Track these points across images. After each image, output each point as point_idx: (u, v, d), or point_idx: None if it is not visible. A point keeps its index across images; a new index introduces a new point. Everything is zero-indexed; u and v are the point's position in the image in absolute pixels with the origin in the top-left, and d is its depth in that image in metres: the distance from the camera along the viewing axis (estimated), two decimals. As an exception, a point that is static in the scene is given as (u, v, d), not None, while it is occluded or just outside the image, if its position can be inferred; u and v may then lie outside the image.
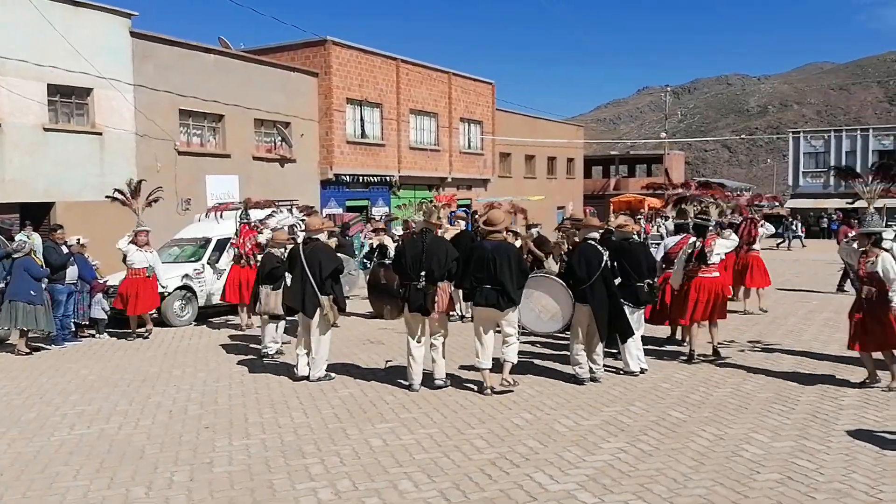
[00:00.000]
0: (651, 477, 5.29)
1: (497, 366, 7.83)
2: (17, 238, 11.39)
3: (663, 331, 10.65)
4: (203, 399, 7.84)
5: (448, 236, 10.84)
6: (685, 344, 9.92)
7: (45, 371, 9.48)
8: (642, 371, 8.49)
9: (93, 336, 11.88)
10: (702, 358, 9.19)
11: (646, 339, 9.18)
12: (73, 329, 11.58)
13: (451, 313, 8.13)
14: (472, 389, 7.91)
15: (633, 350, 8.45)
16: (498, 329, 7.87)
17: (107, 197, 12.86)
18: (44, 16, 15.93)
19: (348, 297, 10.40)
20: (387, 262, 9.26)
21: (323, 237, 9.13)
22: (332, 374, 8.56)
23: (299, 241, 10.95)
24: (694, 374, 8.53)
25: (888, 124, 60.49)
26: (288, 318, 9.69)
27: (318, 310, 8.28)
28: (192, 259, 13.98)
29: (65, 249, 11.40)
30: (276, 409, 7.34)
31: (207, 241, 14.21)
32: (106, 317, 12.03)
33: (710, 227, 9.32)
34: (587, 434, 6.34)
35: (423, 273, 7.67)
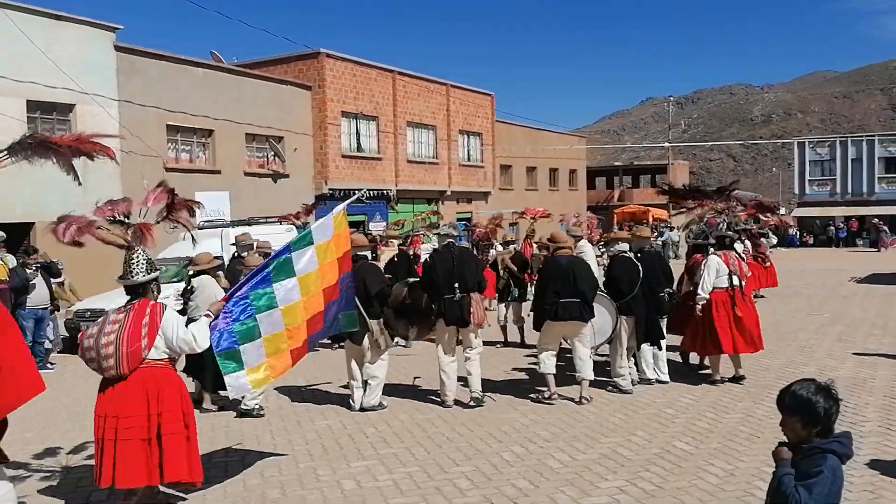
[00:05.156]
0: (653, 525, 4.67)
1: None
2: None
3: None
4: (168, 434, 7.20)
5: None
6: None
7: None
8: (658, 381, 8.36)
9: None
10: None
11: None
12: (42, 357, 10.63)
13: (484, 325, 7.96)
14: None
15: (650, 357, 8.37)
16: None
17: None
18: (22, 30, 15.49)
19: None
20: (410, 280, 8.66)
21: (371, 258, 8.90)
22: (385, 403, 7.88)
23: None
24: (701, 397, 7.89)
25: (892, 131, 59.83)
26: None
27: (367, 335, 7.66)
28: (175, 280, 13.40)
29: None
30: (244, 446, 6.73)
31: (190, 260, 13.62)
32: (51, 345, 11.18)
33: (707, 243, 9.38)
34: (583, 471, 5.73)
35: (456, 285, 7.51)
